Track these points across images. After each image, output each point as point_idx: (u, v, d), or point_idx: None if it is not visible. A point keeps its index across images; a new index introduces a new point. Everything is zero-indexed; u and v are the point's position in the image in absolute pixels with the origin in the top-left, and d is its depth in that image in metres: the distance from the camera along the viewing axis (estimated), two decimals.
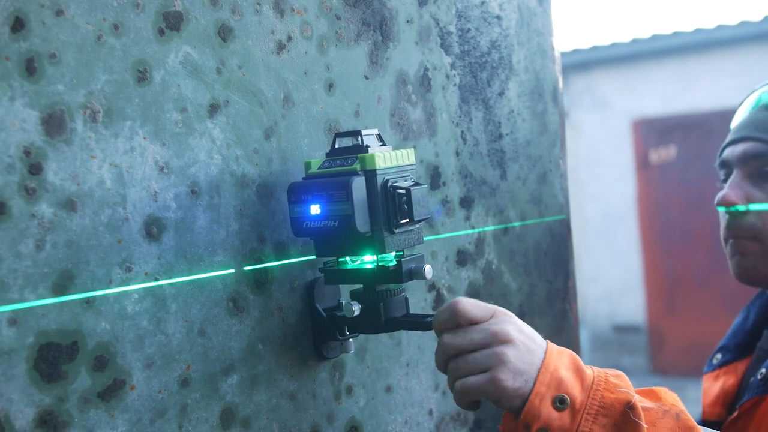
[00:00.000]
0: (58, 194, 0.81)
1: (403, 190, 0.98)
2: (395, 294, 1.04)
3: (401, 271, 1.00)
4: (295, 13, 1.08)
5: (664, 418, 0.94)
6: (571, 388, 0.93)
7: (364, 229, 0.97)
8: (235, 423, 0.99)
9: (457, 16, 1.36)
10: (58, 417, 0.80)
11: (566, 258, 1.62)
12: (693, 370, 7.44)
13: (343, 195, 0.96)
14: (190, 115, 0.94)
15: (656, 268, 7.67)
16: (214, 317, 0.97)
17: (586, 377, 0.95)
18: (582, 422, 0.92)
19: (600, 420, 0.92)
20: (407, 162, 1.02)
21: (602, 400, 0.93)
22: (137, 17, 0.89)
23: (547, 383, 0.93)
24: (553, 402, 0.92)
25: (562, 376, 0.93)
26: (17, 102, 0.78)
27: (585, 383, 0.94)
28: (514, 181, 1.47)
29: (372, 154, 0.98)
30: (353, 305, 1.02)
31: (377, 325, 1.04)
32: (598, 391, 0.93)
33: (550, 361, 0.95)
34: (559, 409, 0.92)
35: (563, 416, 0.92)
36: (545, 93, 1.57)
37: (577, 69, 7.82)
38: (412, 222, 0.99)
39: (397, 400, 1.23)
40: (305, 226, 0.99)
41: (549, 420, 0.92)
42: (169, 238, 0.92)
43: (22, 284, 0.78)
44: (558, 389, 0.93)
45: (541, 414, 0.91)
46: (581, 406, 0.92)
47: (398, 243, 1.00)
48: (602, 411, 0.92)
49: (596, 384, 0.94)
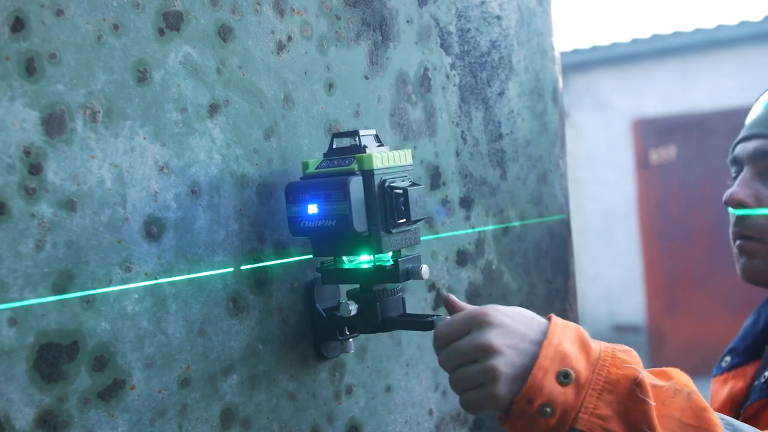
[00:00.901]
0: (58, 194, 0.81)
1: (400, 190, 0.98)
2: (392, 294, 1.04)
3: (398, 271, 1.01)
4: (295, 13, 1.08)
5: (675, 397, 0.90)
6: (576, 363, 0.90)
7: (361, 229, 0.97)
8: (235, 423, 0.99)
9: (457, 16, 1.36)
10: (58, 417, 0.80)
11: (566, 258, 1.62)
12: (693, 370, 7.40)
13: (340, 195, 0.96)
14: (190, 115, 0.94)
15: (656, 268, 7.67)
16: (214, 317, 0.97)
17: (592, 352, 0.92)
18: (587, 398, 0.89)
19: (605, 396, 0.89)
20: (405, 162, 1.03)
21: (608, 376, 0.90)
22: (137, 17, 0.89)
23: (552, 357, 0.90)
24: (557, 376, 0.90)
25: (567, 351, 0.91)
26: (17, 102, 0.78)
27: (591, 358, 0.91)
28: (514, 181, 1.47)
29: (369, 154, 0.98)
30: (350, 305, 1.02)
31: (374, 324, 1.04)
32: (604, 366, 0.91)
33: (554, 335, 0.92)
34: (563, 384, 0.89)
35: (567, 391, 0.89)
36: (545, 93, 1.57)
37: (577, 69, 7.82)
38: (409, 222, 1.00)
39: (397, 400, 1.23)
40: (302, 226, 1.00)
41: (552, 395, 0.89)
42: (169, 238, 0.92)
43: (22, 284, 0.78)
44: (562, 363, 0.90)
45: (544, 388, 0.89)
46: (586, 381, 0.90)
47: (395, 243, 1.00)
48: (608, 387, 0.89)
49: (602, 359, 0.91)
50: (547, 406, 0.89)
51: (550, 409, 0.89)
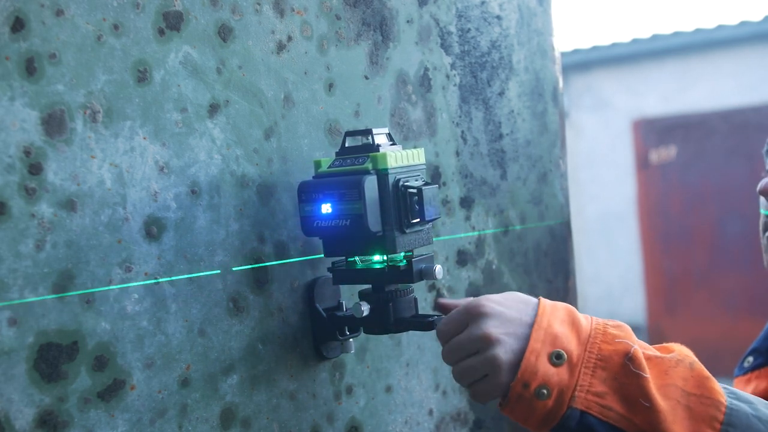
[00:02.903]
0: (58, 194, 0.81)
1: (414, 189, 0.97)
2: (404, 294, 1.04)
3: (412, 271, 1.00)
4: (295, 13, 1.08)
5: (678, 366, 0.90)
6: (567, 343, 0.91)
7: (375, 229, 0.96)
8: (235, 423, 0.99)
9: (457, 16, 1.36)
10: (58, 417, 0.80)
11: (566, 258, 1.62)
12: None
13: (355, 194, 0.95)
14: (190, 115, 0.94)
15: (656, 267, 7.67)
16: (214, 317, 0.97)
17: (583, 330, 0.92)
18: (581, 376, 0.89)
19: (599, 373, 0.89)
20: (417, 161, 1.02)
21: (600, 353, 0.90)
22: (137, 17, 0.89)
23: (542, 340, 0.91)
24: (549, 358, 0.90)
25: (557, 331, 0.91)
26: (17, 102, 0.78)
27: (581, 336, 0.91)
28: (514, 181, 1.47)
29: (384, 153, 0.97)
30: (362, 305, 1.01)
31: (386, 325, 1.03)
32: (595, 343, 0.91)
33: (543, 317, 0.93)
34: (556, 365, 0.90)
35: (561, 371, 0.89)
36: (545, 93, 1.57)
37: (577, 69, 7.82)
38: (423, 222, 0.99)
39: (397, 400, 1.23)
40: (315, 225, 0.99)
41: (547, 376, 0.89)
42: (169, 238, 0.92)
43: (22, 284, 0.78)
44: (554, 345, 0.90)
45: (539, 370, 0.89)
46: (578, 360, 0.90)
47: (409, 243, 1.00)
48: (600, 364, 0.89)
49: (593, 336, 0.91)
50: (543, 388, 0.89)
51: (546, 391, 0.89)
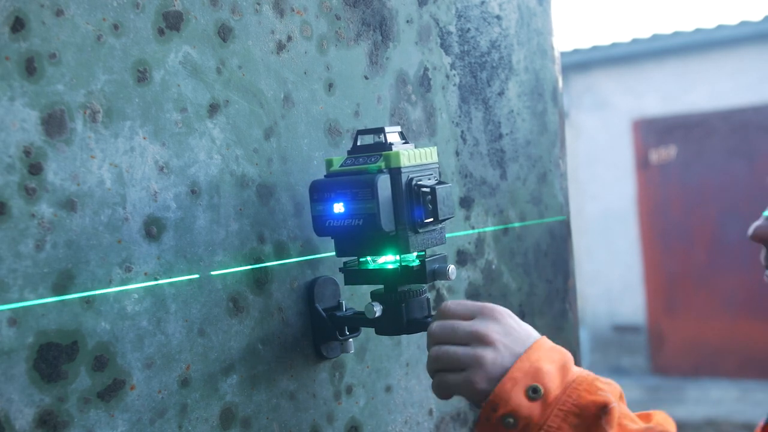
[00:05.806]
0: (58, 194, 0.81)
1: (427, 188, 0.96)
2: (417, 295, 1.02)
3: (425, 271, 0.99)
4: (295, 13, 1.08)
5: None
6: (549, 381, 0.90)
7: (389, 228, 0.95)
8: (235, 423, 0.99)
9: (457, 16, 1.36)
10: (58, 417, 0.80)
11: (566, 258, 1.62)
12: (692, 370, 7.45)
13: (368, 193, 0.94)
14: (190, 115, 0.94)
15: (656, 267, 7.67)
16: (213, 317, 0.97)
17: (569, 375, 0.91)
18: (551, 417, 0.88)
19: (571, 419, 0.88)
20: (430, 160, 1.00)
21: (578, 400, 0.89)
22: (137, 17, 0.89)
23: (525, 371, 0.90)
24: (525, 390, 0.89)
25: (542, 368, 0.90)
26: (17, 102, 0.78)
27: (566, 379, 0.91)
28: (514, 181, 1.47)
29: (397, 151, 0.96)
30: (374, 306, 1.00)
31: (399, 326, 1.02)
32: (576, 389, 0.90)
33: (535, 352, 0.92)
34: (531, 398, 0.89)
35: (533, 406, 0.89)
36: (545, 93, 1.57)
37: (577, 69, 7.82)
38: (436, 221, 0.98)
39: (397, 400, 1.23)
40: (328, 225, 0.98)
41: (518, 407, 0.88)
42: (168, 238, 0.92)
43: (22, 284, 0.78)
44: (534, 379, 0.90)
45: (511, 399, 0.89)
46: (554, 400, 0.89)
47: (422, 243, 0.98)
48: (575, 410, 0.88)
49: (577, 382, 0.90)
50: (509, 416, 0.89)
51: (512, 420, 0.89)
